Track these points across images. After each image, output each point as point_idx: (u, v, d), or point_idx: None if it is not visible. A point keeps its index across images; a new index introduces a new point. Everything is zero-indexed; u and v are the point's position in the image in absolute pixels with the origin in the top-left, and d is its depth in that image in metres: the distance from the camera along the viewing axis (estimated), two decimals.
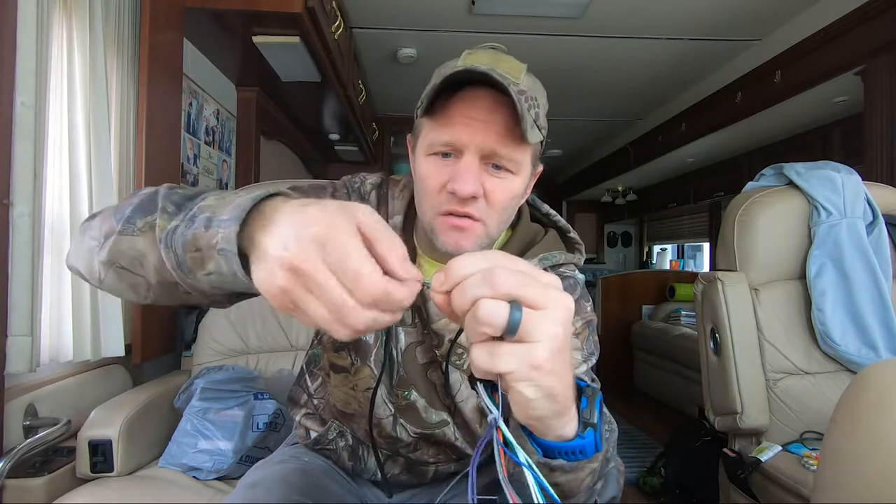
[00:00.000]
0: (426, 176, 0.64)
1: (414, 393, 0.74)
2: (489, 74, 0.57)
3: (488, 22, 2.41)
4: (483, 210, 0.62)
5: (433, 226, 0.65)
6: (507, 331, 0.33)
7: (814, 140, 2.93)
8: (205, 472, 1.22)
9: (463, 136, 0.60)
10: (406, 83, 3.20)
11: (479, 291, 0.33)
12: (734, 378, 1.40)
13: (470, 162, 0.61)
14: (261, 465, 0.82)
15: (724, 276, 1.45)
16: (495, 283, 0.33)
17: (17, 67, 1.03)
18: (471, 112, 0.60)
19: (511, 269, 0.34)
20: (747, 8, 2.25)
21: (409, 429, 0.75)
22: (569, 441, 0.42)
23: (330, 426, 0.80)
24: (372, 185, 0.76)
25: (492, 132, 0.60)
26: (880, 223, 1.44)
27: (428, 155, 0.64)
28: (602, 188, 5.43)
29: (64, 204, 1.18)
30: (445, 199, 0.62)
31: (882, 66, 1.90)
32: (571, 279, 0.73)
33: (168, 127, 1.55)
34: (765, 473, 1.31)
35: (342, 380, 0.76)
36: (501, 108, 0.60)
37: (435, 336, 0.71)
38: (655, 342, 3.61)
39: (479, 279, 0.34)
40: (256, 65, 1.97)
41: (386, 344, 0.72)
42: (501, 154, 0.61)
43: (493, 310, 0.33)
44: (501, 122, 0.60)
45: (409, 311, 0.72)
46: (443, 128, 0.62)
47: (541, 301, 0.34)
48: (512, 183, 0.63)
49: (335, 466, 0.82)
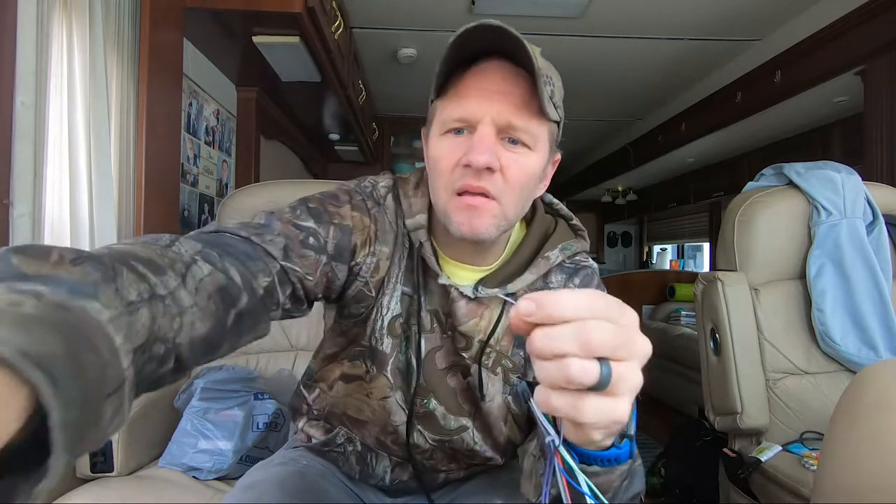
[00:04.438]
0: (440, 156, 0.61)
1: (433, 401, 0.72)
2: (503, 28, 0.53)
3: None
4: (499, 186, 0.59)
5: (447, 209, 0.61)
6: (595, 388, 0.32)
7: (814, 140, 2.93)
8: (205, 472, 1.22)
9: (477, 109, 0.57)
10: (406, 83, 3.20)
11: (570, 348, 0.31)
12: (734, 378, 1.40)
13: (485, 133, 0.57)
14: (259, 467, 0.80)
15: (724, 276, 1.45)
16: (590, 345, 0.31)
17: (17, 67, 1.03)
18: (485, 84, 0.58)
19: (604, 325, 0.32)
20: (747, 8, 2.25)
21: (427, 436, 0.74)
22: (606, 450, 0.42)
23: (338, 432, 0.78)
24: (385, 188, 0.72)
25: (507, 103, 0.57)
26: (880, 223, 1.44)
27: (442, 134, 0.61)
28: (602, 188, 5.44)
29: (64, 204, 1.18)
30: (459, 175, 0.59)
31: (882, 66, 1.90)
32: (589, 268, 0.73)
33: (168, 127, 1.55)
34: (765, 473, 1.31)
35: (356, 388, 0.74)
36: (517, 78, 0.57)
37: (462, 338, 0.70)
38: (655, 342, 3.54)
39: (571, 335, 0.31)
40: (256, 65, 1.97)
41: (406, 351, 0.70)
42: (517, 126, 0.58)
43: (585, 370, 0.31)
44: (517, 92, 0.57)
45: (429, 315, 0.70)
46: (456, 103, 0.59)
47: (628, 353, 0.33)
48: (529, 159, 0.60)
49: (336, 471, 0.81)
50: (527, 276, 0.68)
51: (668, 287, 4.01)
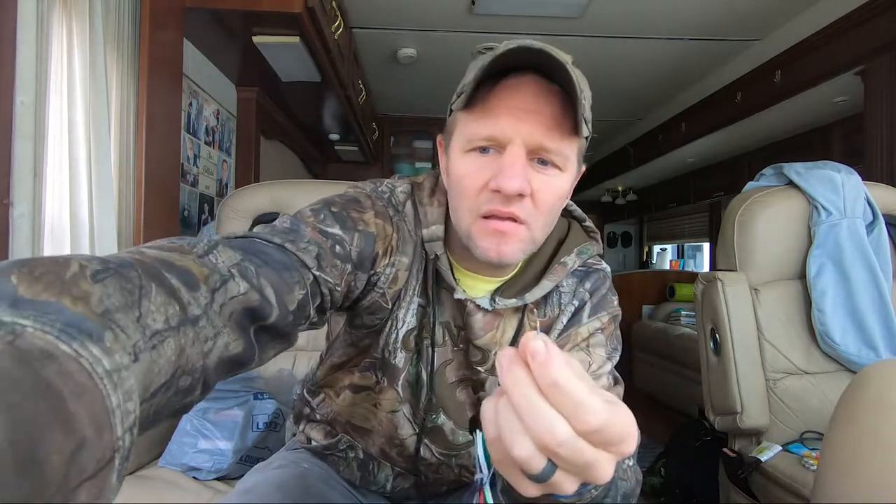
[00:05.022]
0: (465, 175, 0.57)
1: (442, 416, 0.71)
2: (545, 51, 0.50)
3: (488, 22, 2.41)
4: (529, 211, 0.56)
5: (471, 231, 0.58)
6: (531, 478, 0.31)
7: (814, 140, 2.93)
8: (205, 472, 1.22)
9: (507, 127, 0.54)
10: (406, 83, 3.20)
11: (531, 427, 0.29)
12: (734, 378, 1.40)
13: (517, 155, 0.54)
14: (258, 470, 0.79)
15: (724, 276, 1.45)
16: (547, 448, 0.29)
17: (17, 67, 1.03)
18: (515, 102, 0.54)
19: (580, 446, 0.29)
20: (747, 8, 2.25)
21: (434, 450, 0.73)
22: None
23: (340, 438, 0.77)
24: (404, 193, 0.68)
25: (539, 123, 0.54)
26: (880, 223, 1.44)
27: (466, 151, 0.57)
28: (602, 188, 5.44)
29: (64, 204, 1.18)
30: (486, 199, 0.56)
31: (882, 66, 1.90)
32: (601, 271, 0.71)
33: (168, 127, 1.55)
34: (765, 473, 1.31)
35: (364, 398, 0.73)
36: (549, 96, 0.54)
37: (478, 351, 0.68)
38: (655, 342, 3.60)
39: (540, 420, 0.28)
40: (256, 65, 1.97)
41: (417, 365, 0.69)
42: (549, 147, 0.55)
43: (528, 458, 0.29)
44: (549, 112, 0.54)
45: (441, 328, 0.68)
46: (484, 120, 0.55)
47: (582, 474, 0.31)
48: (559, 181, 0.57)
49: (337, 474, 0.80)
50: (545, 283, 0.65)
51: (668, 287, 4.01)
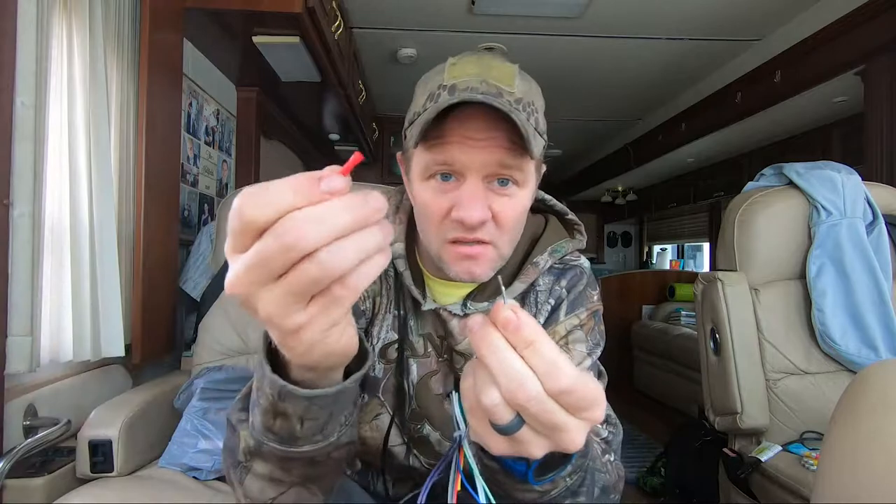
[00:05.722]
0: (427, 203, 0.59)
1: (427, 426, 0.71)
2: (487, 102, 0.52)
3: (488, 22, 2.41)
4: (493, 232, 0.58)
5: (441, 255, 0.61)
6: (497, 430, 0.32)
7: (814, 140, 2.93)
8: (205, 472, 1.22)
9: (463, 157, 0.55)
10: (406, 83, 3.18)
11: (502, 383, 0.30)
12: (734, 378, 1.40)
13: (474, 186, 0.56)
14: None
15: (724, 276, 1.45)
16: (515, 399, 0.30)
17: (17, 67, 1.03)
18: (468, 132, 0.55)
19: (548, 406, 0.30)
20: (747, 8, 2.25)
21: (422, 460, 0.73)
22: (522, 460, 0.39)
23: None
24: None
25: (495, 148, 0.55)
26: (880, 223, 1.44)
27: (426, 179, 0.59)
28: (602, 188, 5.44)
29: (64, 204, 1.18)
30: (451, 227, 0.58)
31: (882, 66, 1.90)
32: (577, 268, 0.71)
33: (168, 127, 1.55)
34: (765, 473, 1.31)
35: None
36: (501, 122, 0.54)
37: (461, 358, 0.68)
38: (655, 342, 3.61)
39: (512, 374, 0.30)
40: (256, 65, 1.97)
41: (398, 375, 0.69)
42: (508, 164, 0.56)
43: (495, 410, 0.31)
44: (503, 136, 0.55)
45: (422, 339, 0.69)
46: (438, 148, 0.56)
47: (548, 432, 0.32)
48: (520, 198, 0.59)
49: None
50: (516, 285, 0.66)
51: (668, 287, 4.01)
